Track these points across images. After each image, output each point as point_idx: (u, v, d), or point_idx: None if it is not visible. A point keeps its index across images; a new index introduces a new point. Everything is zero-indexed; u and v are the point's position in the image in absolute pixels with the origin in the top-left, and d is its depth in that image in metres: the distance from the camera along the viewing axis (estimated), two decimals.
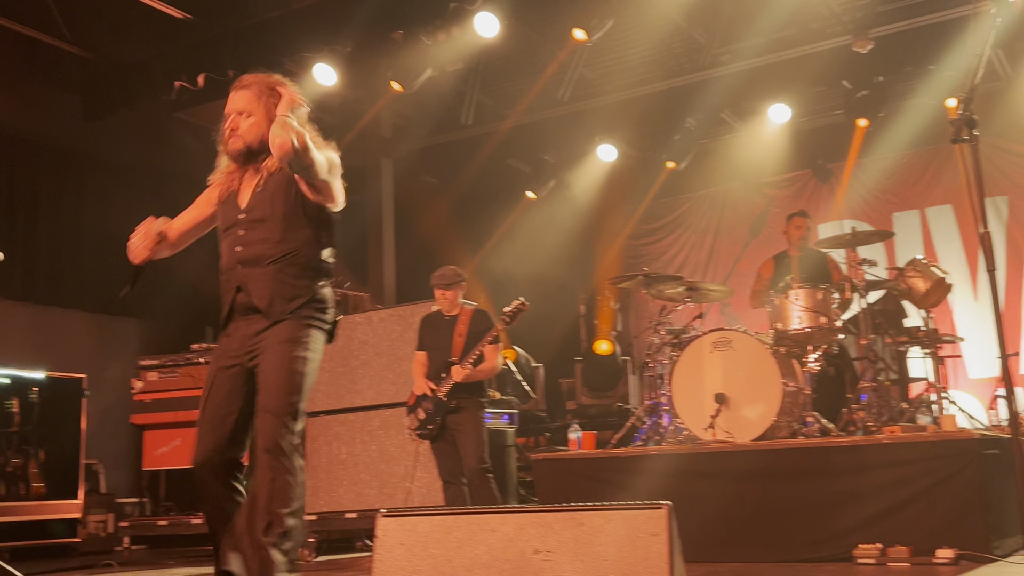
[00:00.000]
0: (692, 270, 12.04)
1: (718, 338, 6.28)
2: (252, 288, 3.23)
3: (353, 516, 7.24)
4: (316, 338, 3.25)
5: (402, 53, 8.90)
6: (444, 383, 5.87)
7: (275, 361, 3.14)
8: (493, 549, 2.35)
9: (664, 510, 2.26)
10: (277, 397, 3.10)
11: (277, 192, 3.33)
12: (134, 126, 10.01)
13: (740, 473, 5.59)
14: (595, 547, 2.26)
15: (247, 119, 3.37)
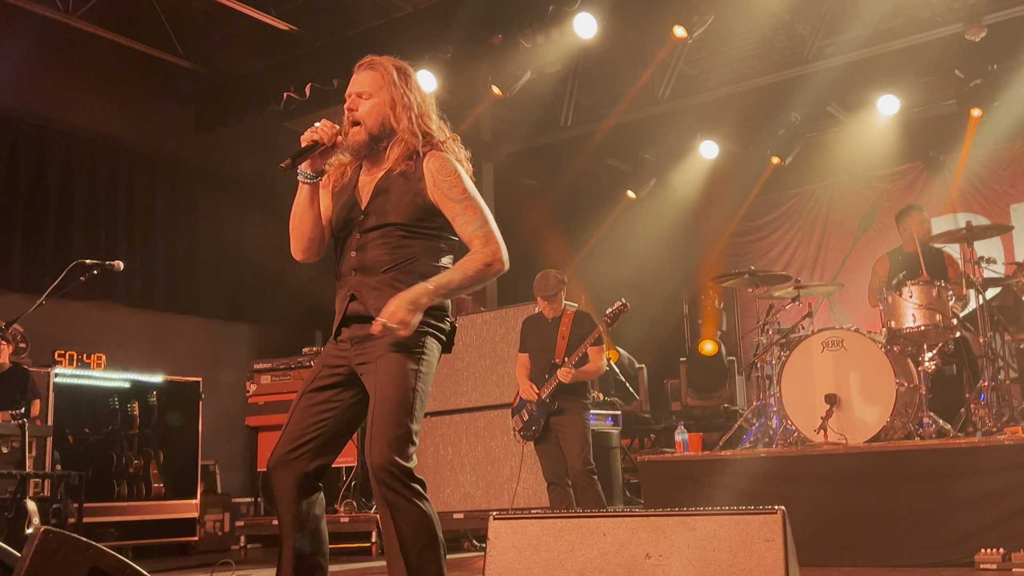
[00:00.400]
0: (799, 267, 11.79)
1: (828, 337, 6.14)
2: (366, 297, 2.97)
3: (460, 516, 7.32)
4: (431, 347, 2.98)
5: (501, 57, 8.97)
6: (547, 385, 5.88)
7: (388, 377, 2.87)
8: (604, 553, 2.34)
9: (778, 515, 2.22)
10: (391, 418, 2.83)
11: (403, 198, 2.99)
12: (244, 137, 10.32)
13: (853, 476, 5.45)
14: (708, 552, 2.23)
15: (367, 100, 3.02)
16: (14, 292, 8.87)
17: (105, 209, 9.84)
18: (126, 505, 8.34)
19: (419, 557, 2.80)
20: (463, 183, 2.99)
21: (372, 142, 3.03)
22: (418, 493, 2.84)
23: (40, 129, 9.39)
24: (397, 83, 3.04)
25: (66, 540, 2.88)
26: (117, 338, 9.59)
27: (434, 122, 3.10)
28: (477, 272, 2.94)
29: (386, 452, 2.80)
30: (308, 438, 2.94)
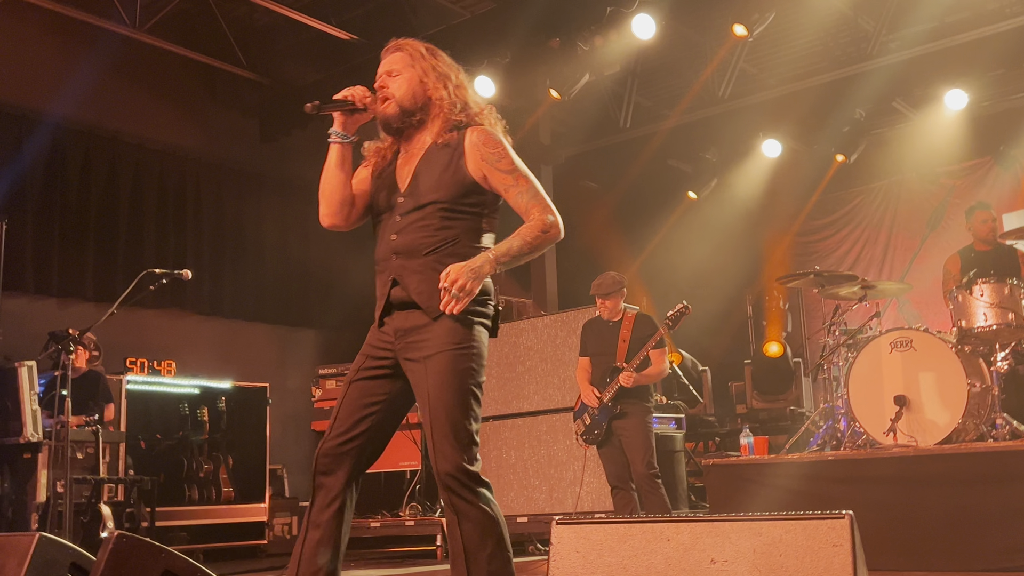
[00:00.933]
0: (866, 267, 11.59)
1: (897, 338, 6.03)
2: (408, 281, 2.89)
3: (524, 520, 7.33)
4: (481, 338, 2.91)
5: (559, 60, 8.97)
6: (609, 388, 5.86)
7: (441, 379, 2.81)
8: (669, 558, 2.33)
9: (846, 519, 2.19)
10: (452, 421, 2.79)
11: (444, 174, 2.92)
12: (308, 146, 10.46)
13: (924, 478, 5.34)
14: (774, 558, 2.20)
15: (395, 77, 3.01)
16: (87, 301, 9.11)
17: (174, 219, 10.07)
18: (196, 509, 8.50)
19: (488, 563, 2.78)
20: (510, 154, 2.96)
21: (404, 115, 3.01)
22: (485, 497, 2.81)
23: (110, 142, 9.64)
24: (426, 57, 3.05)
25: (139, 544, 2.95)
26: (186, 345, 9.80)
27: (471, 94, 3.08)
28: (535, 238, 2.91)
29: (452, 458, 2.77)
30: (358, 431, 2.91)
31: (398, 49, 3.08)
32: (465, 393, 2.83)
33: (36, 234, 8.98)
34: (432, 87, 3.01)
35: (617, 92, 10.69)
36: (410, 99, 2.99)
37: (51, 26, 8.91)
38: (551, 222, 2.93)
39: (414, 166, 3.00)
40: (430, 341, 2.85)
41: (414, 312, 2.90)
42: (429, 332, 2.86)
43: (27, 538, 3.33)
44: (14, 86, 8.96)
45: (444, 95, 3.00)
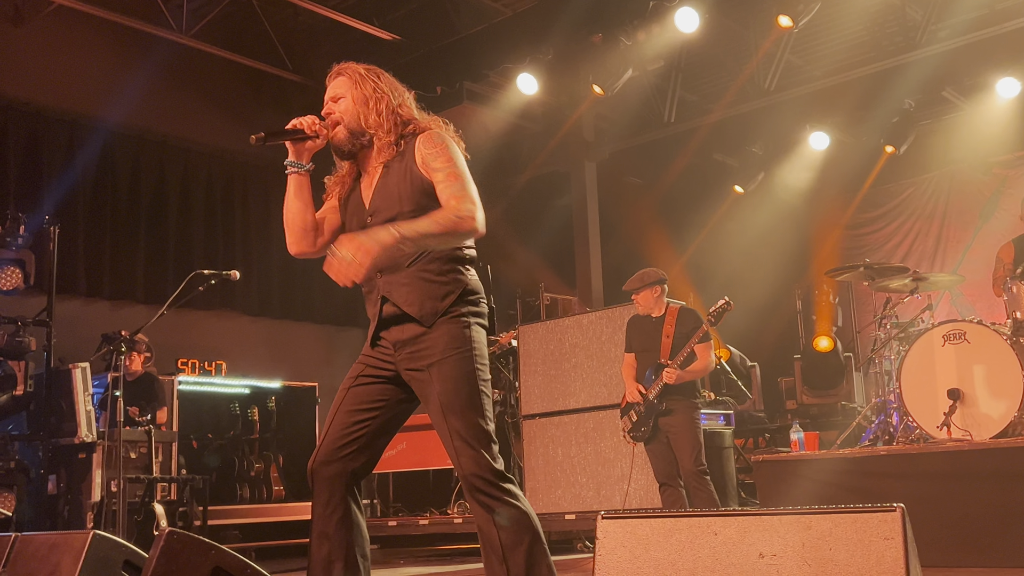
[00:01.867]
0: (918, 259, 11.40)
1: (950, 330, 5.92)
2: (397, 296, 2.92)
3: (572, 517, 7.31)
4: (480, 337, 2.93)
5: (602, 56, 8.94)
6: (654, 385, 5.82)
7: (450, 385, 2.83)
8: (716, 552, 2.30)
9: (898, 512, 2.15)
10: (469, 425, 2.80)
11: (401, 185, 2.94)
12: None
13: (979, 473, 5.23)
14: (824, 552, 2.17)
15: (339, 101, 3.05)
16: (138, 303, 9.27)
17: (222, 221, 10.20)
18: (248, 508, 8.60)
19: (527, 559, 2.77)
20: (448, 152, 2.94)
21: (353, 137, 3.03)
22: (512, 493, 2.82)
23: (159, 146, 9.79)
24: (366, 77, 3.06)
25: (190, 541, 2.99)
26: (236, 346, 9.92)
27: (415, 110, 3.08)
28: (447, 222, 2.82)
29: (475, 459, 2.79)
30: (353, 437, 2.91)
31: (340, 74, 3.10)
32: (476, 394, 2.85)
33: (88, 238, 9.15)
34: (372, 107, 3.02)
35: (661, 86, 10.62)
36: (356, 121, 3.02)
37: (100, 33, 9.07)
38: (467, 211, 2.84)
39: (374, 184, 3.03)
40: (430, 349, 2.87)
41: (409, 323, 2.91)
42: (427, 340, 2.88)
43: (82, 536, 3.39)
44: (65, 93, 9.14)
45: (381, 118, 3.01)
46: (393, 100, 3.04)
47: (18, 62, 8.91)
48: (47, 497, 7.07)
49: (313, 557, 2.89)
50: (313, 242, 3.14)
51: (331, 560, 2.86)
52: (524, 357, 8.07)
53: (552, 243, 11.65)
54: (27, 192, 8.67)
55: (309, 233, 3.12)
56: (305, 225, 3.11)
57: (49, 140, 9.04)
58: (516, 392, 8.37)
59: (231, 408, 8.92)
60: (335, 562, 2.85)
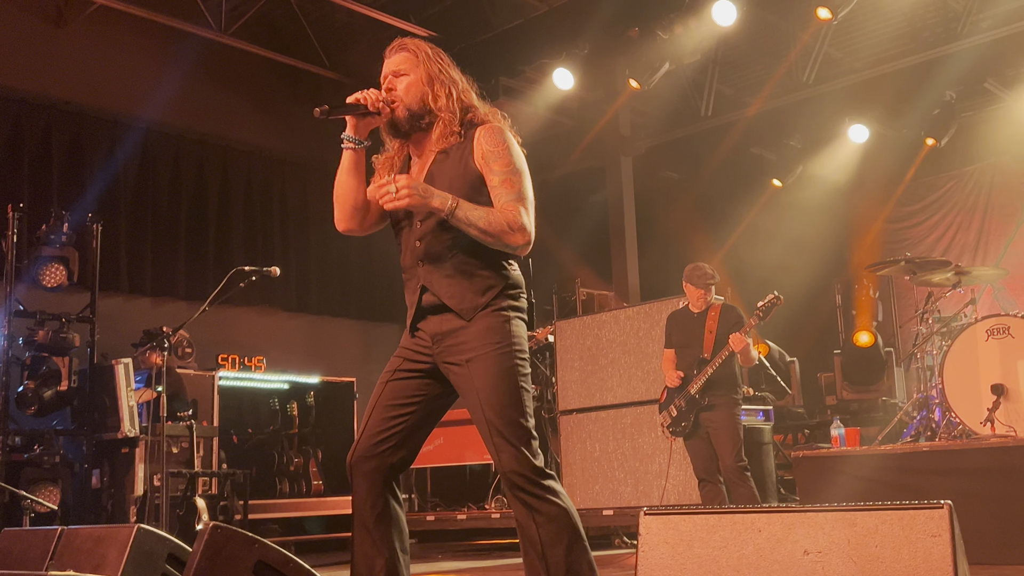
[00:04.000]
0: (959, 253, 11.23)
1: (993, 324, 5.84)
2: (438, 287, 2.87)
3: (610, 513, 7.30)
4: (520, 332, 2.88)
5: (638, 50, 8.89)
6: (696, 380, 5.79)
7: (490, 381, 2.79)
8: (760, 549, 2.28)
9: (945, 509, 2.12)
10: (509, 421, 2.77)
11: (454, 175, 2.87)
12: None
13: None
14: (869, 549, 2.15)
15: (402, 78, 2.94)
16: (179, 300, 9.37)
17: (261, 218, 10.28)
18: (288, 502, 8.67)
19: (567, 556, 2.75)
20: (509, 154, 2.87)
21: (412, 119, 2.94)
22: (552, 490, 2.79)
23: (199, 144, 9.89)
24: (432, 58, 2.97)
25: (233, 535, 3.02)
26: (275, 341, 10.00)
27: (475, 98, 3.00)
28: (499, 226, 2.79)
29: (516, 456, 2.76)
30: (391, 432, 2.88)
31: (403, 49, 3.00)
32: (516, 391, 2.81)
33: (129, 236, 9.27)
34: (439, 90, 2.94)
35: (698, 80, 10.55)
36: (418, 103, 2.93)
37: (139, 33, 9.18)
38: (521, 224, 2.80)
39: (427, 169, 2.94)
40: (469, 343, 2.83)
41: (448, 315, 2.87)
42: (466, 334, 2.84)
43: (127, 530, 3.43)
44: (106, 92, 9.26)
45: (446, 103, 2.94)
46: (457, 86, 2.97)
47: (60, 63, 9.04)
48: (91, 491, 7.19)
49: (355, 552, 2.89)
50: (362, 220, 3.09)
51: (373, 556, 2.85)
52: (561, 353, 8.07)
53: (588, 239, 11.63)
54: (70, 190, 8.80)
55: (359, 211, 3.06)
56: (356, 203, 3.04)
57: (91, 139, 9.16)
58: (553, 388, 8.36)
59: (270, 403, 9.00)
60: (376, 558, 2.85)
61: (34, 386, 6.94)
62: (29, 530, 4.63)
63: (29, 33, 8.91)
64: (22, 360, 7.05)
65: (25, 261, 7.10)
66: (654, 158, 11.67)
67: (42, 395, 6.93)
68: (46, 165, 8.83)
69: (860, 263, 10.74)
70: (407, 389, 2.93)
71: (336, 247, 10.62)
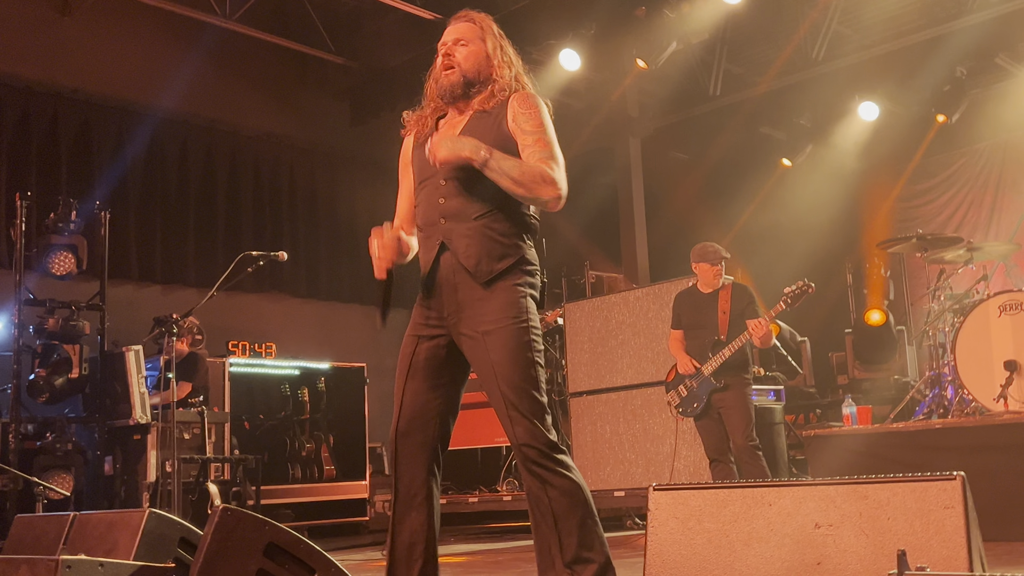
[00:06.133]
0: (971, 230, 11.16)
1: (1006, 301, 5.81)
2: (457, 245, 2.87)
3: (621, 494, 7.30)
4: (533, 310, 2.89)
5: (646, 30, 8.83)
6: (711, 362, 5.76)
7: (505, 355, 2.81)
8: (771, 523, 2.27)
9: (958, 480, 2.10)
10: (524, 395, 2.79)
11: (486, 136, 2.87)
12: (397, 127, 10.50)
13: None
14: (881, 521, 2.13)
15: (464, 47, 2.99)
16: (189, 287, 9.39)
17: (269, 204, 10.28)
18: (300, 487, 8.69)
19: (580, 530, 2.76)
20: (540, 117, 2.92)
21: (466, 86, 2.98)
22: (565, 464, 2.81)
23: (207, 131, 9.88)
24: (496, 36, 3.04)
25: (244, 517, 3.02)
26: (286, 327, 10.02)
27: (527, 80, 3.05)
28: (533, 177, 2.82)
29: (530, 429, 2.78)
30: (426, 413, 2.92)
31: (470, 20, 3.07)
32: (531, 365, 2.83)
33: (139, 223, 9.28)
34: (498, 66, 3.00)
35: (706, 59, 10.48)
36: (475, 72, 2.97)
37: (146, 20, 9.16)
38: (553, 178, 2.84)
39: (459, 130, 2.97)
40: (485, 316, 2.85)
41: (463, 282, 2.89)
42: (484, 306, 2.85)
43: (138, 514, 3.44)
44: (114, 80, 9.26)
45: (507, 75, 3.00)
46: (514, 68, 3.04)
47: (67, 51, 9.03)
48: (104, 478, 7.21)
49: (396, 534, 2.91)
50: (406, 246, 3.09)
51: (413, 543, 2.88)
52: (570, 335, 8.05)
53: (597, 220, 11.59)
54: (79, 179, 8.81)
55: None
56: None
57: (99, 127, 9.16)
58: (563, 370, 8.35)
59: (281, 389, 9.00)
60: (416, 544, 2.88)
61: (45, 374, 6.95)
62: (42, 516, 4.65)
63: (36, 21, 8.90)
64: (33, 348, 7.06)
65: (34, 249, 7.10)
66: (662, 139, 11.62)
67: (53, 383, 6.95)
68: (54, 153, 8.84)
69: (871, 241, 10.68)
70: (432, 367, 2.95)
71: (346, 232, 10.61)
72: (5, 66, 8.64)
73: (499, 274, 2.86)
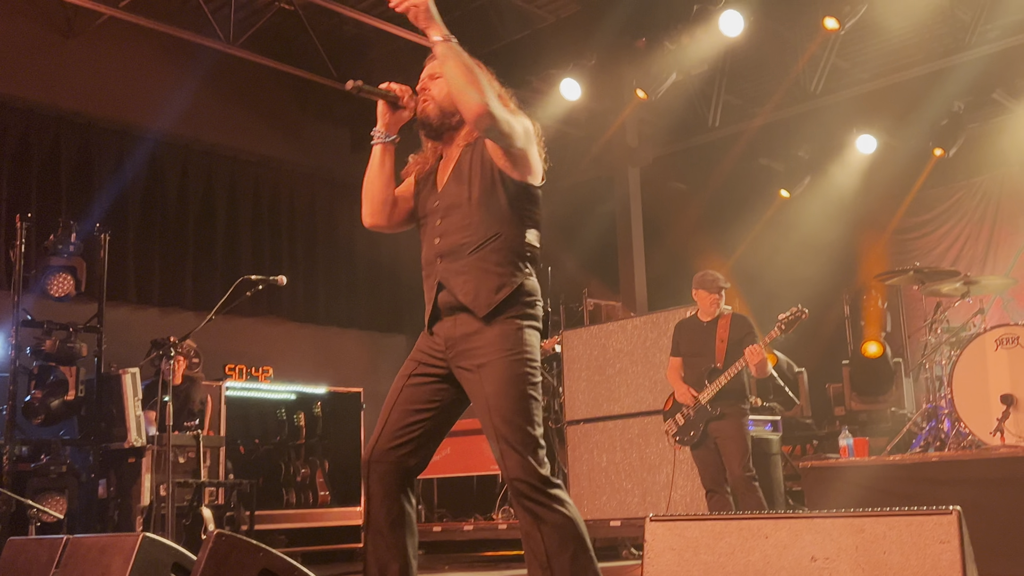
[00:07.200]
0: (968, 263, 11.18)
1: (1003, 334, 5.82)
2: (454, 283, 2.88)
3: (617, 524, 7.27)
4: (533, 341, 2.88)
5: (646, 60, 8.90)
6: (707, 390, 5.76)
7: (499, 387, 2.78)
8: (767, 556, 2.27)
9: (954, 515, 2.11)
10: (516, 429, 2.75)
11: (473, 169, 2.94)
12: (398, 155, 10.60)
13: None
14: (877, 555, 2.13)
15: (437, 80, 3.05)
16: (187, 310, 9.39)
17: (269, 229, 10.31)
18: (294, 512, 8.65)
19: (572, 565, 2.73)
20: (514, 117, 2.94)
21: (443, 116, 3.02)
22: (559, 499, 2.77)
23: (207, 155, 9.92)
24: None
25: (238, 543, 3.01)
26: (283, 351, 10.01)
27: (510, 104, 3.03)
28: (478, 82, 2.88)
29: (522, 463, 2.75)
30: (408, 437, 2.89)
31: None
32: (524, 398, 2.80)
33: (137, 245, 9.30)
34: None
35: (705, 91, 10.55)
36: (449, 101, 3.00)
37: (149, 44, 9.22)
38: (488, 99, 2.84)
39: (450, 169, 3.03)
40: (482, 348, 2.83)
41: (462, 317, 2.88)
42: (480, 339, 2.84)
43: (132, 539, 3.43)
44: (115, 103, 9.30)
45: None
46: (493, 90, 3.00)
47: (70, 74, 9.08)
48: (97, 501, 7.18)
49: (369, 556, 2.90)
50: (389, 216, 3.14)
51: (387, 561, 2.86)
52: (568, 363, 8.05)
53: (596, 248, 11.62)
54: (78, 200, 8.83)
55: (387, 206, 3.12)
56: (385, 198, 3.12)
57: (100, 150, 9.20)
58: (560, 398, 8.34)
59: (277, 414, 8.99)
60: (391, 563, 2.86)
61: (41, 395, 6.94)
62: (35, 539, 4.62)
63: (39, 44, 8.96)
64: (29, 369, 7.06)
65: (33, 271, 7.12)
66: (661, 168, 11.66)
67: (49, 404, 6.94)
68: (55, 175, 8.86)
69: (868, 273, 10.71)
70: (424, 394, 2.94)
71: (343, 257, 10.63)
72: (8, 88, 8.68)
73: (498, 306, 2.85)
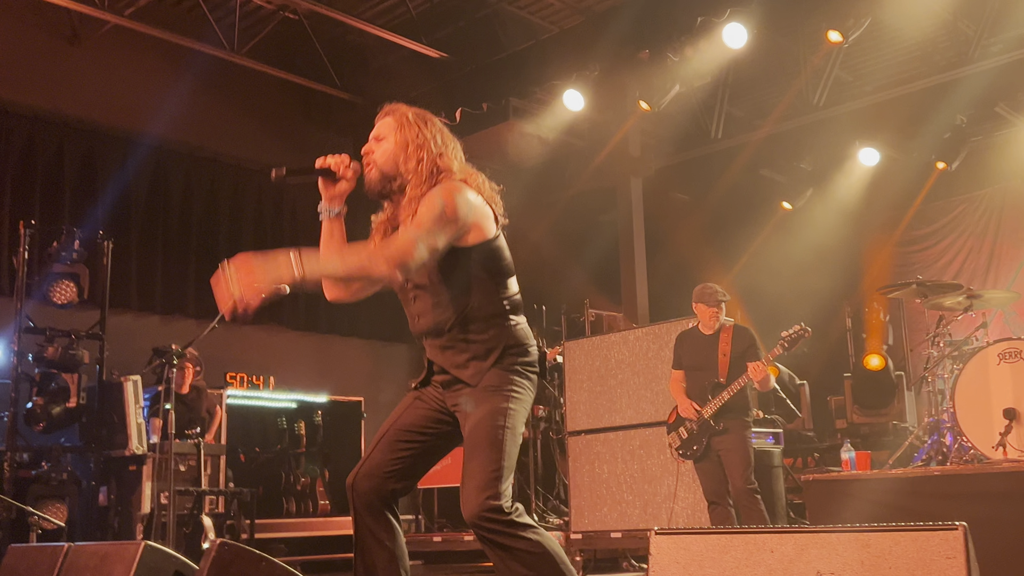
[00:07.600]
0: (970, 276, 11.18)
1: (1006, 348, 5.81)
2: (443, 361, 2.91)
3: (618, 536, 7.25)
4: (521, 383, 2.87)
5: (649, 72, 8.91)
6: (711, 404, 5.75)
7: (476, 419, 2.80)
8: (772, 570, 2.26)
9: (960, 531, 2.10)
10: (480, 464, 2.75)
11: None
12: None
13: None
14: (883, 570, 2.13)
15: (381, 142, 3.01)
16: (189, 318, 9.39)
17: (271, 237, 10.31)
18: (294, 521, 8.64)
19: None
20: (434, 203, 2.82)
21: (384, 180, 2.99)
22: (520, 525, 2.73)
23: (210, 163, 9.93)
24: (411, 124, 3.00)
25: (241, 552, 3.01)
26: (284, 360, 10.00)
27: (456, 161, 2.99)
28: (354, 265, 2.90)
29: (476, 496, 2.72)
30: (397, 458, 2.92)
31: (388, 114, 3.07)
32: (498, 430, 2.78)
33: (140, 253, 9.30)
34: (412, 154, 2.96)
35: (708, 102, 10.57)
36: (391, 165, 2.97)
37: (153, 51, 9.24)
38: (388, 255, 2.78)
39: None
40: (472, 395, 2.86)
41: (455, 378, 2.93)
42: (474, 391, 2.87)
43: (133, 547, 3.43)
44: (119, 111, 9.31)
45: (415, 165, 2.95)
46: (434, 149, 2.97)
47: (74, 81, 9.10)
48: (98, 508, 7.17)
49: (357, 573, 2.90)
50: (346, 287, 3.11)
51: None
52: (569, 373, 8.04)
53: (598, 259, 11.62)
54: (81, 208, 8.84)
55: (341, 280, 3.09)
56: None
57: (103, 157, 9.21)
58: (561, 409, 8.33)
59: (278, 422, 8.98)
60: None
61: (43, 402, 6.94)
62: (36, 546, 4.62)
63: (43, 51, 8.98)
64: (31, 376, 7.06)
65: (36, 277, 7.12)
66: (664, 179, 11.68)
67: (51, 411, 6.94)
68: (58, 182, 8.87)
69: (870, 286, 10.72)
70: (423, 420, 2.97)
71: None
72: (12, 94, 8.70)
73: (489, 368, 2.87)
